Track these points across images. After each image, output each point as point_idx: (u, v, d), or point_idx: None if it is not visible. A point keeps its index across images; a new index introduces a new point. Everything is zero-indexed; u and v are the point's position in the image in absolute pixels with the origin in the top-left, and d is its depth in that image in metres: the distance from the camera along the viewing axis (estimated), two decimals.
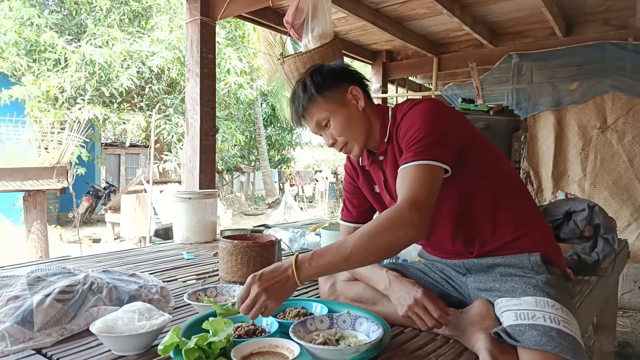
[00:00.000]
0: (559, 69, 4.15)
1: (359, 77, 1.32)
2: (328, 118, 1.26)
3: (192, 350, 0.91)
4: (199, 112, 3.09)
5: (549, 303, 1.04)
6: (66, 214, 9.82)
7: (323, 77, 1.27)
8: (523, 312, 1.03)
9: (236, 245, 1.48)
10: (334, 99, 1.26)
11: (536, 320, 1.00)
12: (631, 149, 3.75)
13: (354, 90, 1.27)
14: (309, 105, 1.26)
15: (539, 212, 1.31)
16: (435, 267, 1.36)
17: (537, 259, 1.16)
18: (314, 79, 1.27)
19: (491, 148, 1.29)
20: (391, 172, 1.27)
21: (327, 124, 1.27)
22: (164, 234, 5.36)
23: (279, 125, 17.66)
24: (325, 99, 1.25)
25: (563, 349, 0.94)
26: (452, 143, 1.15)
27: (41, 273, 1.28)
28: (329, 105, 1.25)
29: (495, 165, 1.26)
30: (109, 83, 8.44)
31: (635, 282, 3.81)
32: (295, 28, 2.53)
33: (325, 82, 1.26)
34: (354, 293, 1.31)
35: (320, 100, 1.25)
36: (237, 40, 10.09)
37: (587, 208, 1.90)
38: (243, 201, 14.97)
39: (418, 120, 1.16)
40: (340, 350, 0.97)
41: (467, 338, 1.09)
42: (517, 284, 1.13)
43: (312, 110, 1.26)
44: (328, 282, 1.37)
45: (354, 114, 1.27)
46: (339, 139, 1.27)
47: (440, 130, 1.13)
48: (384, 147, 1.28)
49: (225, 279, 1.50)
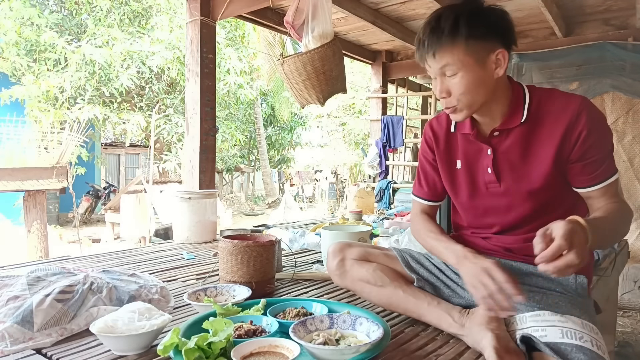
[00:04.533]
0: (559, 69, 4.15)
1: (513, 40, 1.12)
2: (457, 71, 1.08)
3: (192, 350, 0.91)
4: (199, 112, 3.09)
5: (594, 329, 1.02)
6: (66, 214, 9.82)
7: (481, 23, 1.07)
8: (570, 331, 0.99)
9: (236, 245, 1.48)
10: (477, 53, 1.07)
11: (584, 342, 0.96)
12: (631, 149, 3.75)
13: (501, 55, 1.09)
14: (447, 44, 1.06)
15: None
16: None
17: (584, 282, 1.14)
18: (472, 19, 1.06)
19: None
20: (512, 154, 1.17)
21: (453, 75, 1.09)
22: (164, 234, 5.37)
23: (279, 125, 17.65)
24: (468, 49, 1.06)
25: None
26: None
27: (41, 273, 1.28)
28: (468, 57, 1.07)
29: None
30: (109, 83, 8.44)
31: (635, 282, 3.81)
32: (295, 28, 2.53)
33: (481, 30, 1.07)
34: (363, 273, 1.27)
35: (462, 46, 1.06)
36: (237, 40, 10.09)
37: None
38: (243, 201, 14.96)
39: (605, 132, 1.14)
40: (340, 350, 0.97)
41: (473, 336, 1.08)
42: (560, 301, 1.09)
43: (446, 53, 1.07)
44: (337, 257, 1.32)
45: (486, 79, 1.10)
46: (454, 96, 1.11)
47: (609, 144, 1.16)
48: (509, 125, 1.16)
49: (225, 279, 1.50)
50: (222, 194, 14.23)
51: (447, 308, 1.18)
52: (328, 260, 1.35)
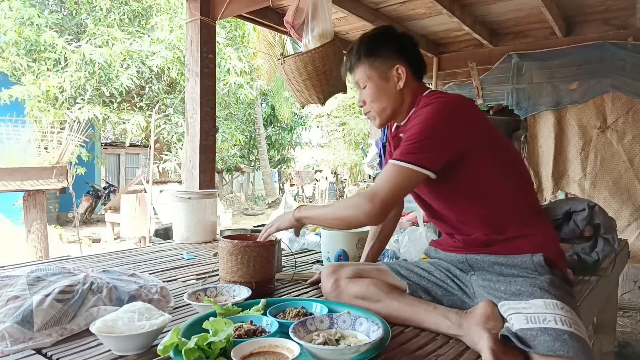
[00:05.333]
0: (559, 69, 4.15)
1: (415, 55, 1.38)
2: (365, 84, 1.35)
3: (191, 350, 0.91)
4: (198, 112, 3.09)
5: (558, 305, 1.05)
6: (66, 214, 9.82)
7: (380, 44, 1.34)
8: (533, 316, 1.03)
9: (236, 245, 1.48)
10: (379, 69, 1.33)
11: (547, 323, 1.00)
12: (631, 148, 3.75)
13: (400, 70, 1.33)
14: (356, 63, 1.36)
15: (544, 216, 1.33)
16: (440, 266, 1.37)
17: (540, 259, 1.18)
18: (371, 42, 1.35)
19: (506, 149, 1.32)
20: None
21: (364, 87, 1.36)
22: (164, 233, 5.37)
23: (279, 125, 17.66)
24: (371, 66, 1.33)
25: (576, 352, 0.94)
26: (446, 149, 1.20)
27: (41, 273, 1.28)
28: (372, 72, 1.33)
29: (504, 166, 1.29)
30: (109, 83, 8.44)
31: (635, 282, 3.81)
32: (295, 28, 2.53)
33: (380, 50, 1.33)
34: (358, 290, 1.30)
35: (366, 64, 1.34)
36: (237, 40, 10.09)
37: (587, 208, 1.90)
38: (243, 201, 14.97)
39: (420, 121, 1.22)
40: (340, 350, 0.97)
41: (471, 337, 1.09)
42: (522, 287, 1.14)
43: (357, 69, 1.36)
44: (331, 279, 1.35)
45: (388, 90, 1.33)
46: (366, 105, 1.37)
47: (435, 136, 1.19)
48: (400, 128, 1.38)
49: (225, 279, 1.50)
50: (222, 194, 14.23)
51: (444, 311, 1.20)
52: (323, 283, 1.39)
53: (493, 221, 1.26)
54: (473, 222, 1.28)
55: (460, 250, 1.31)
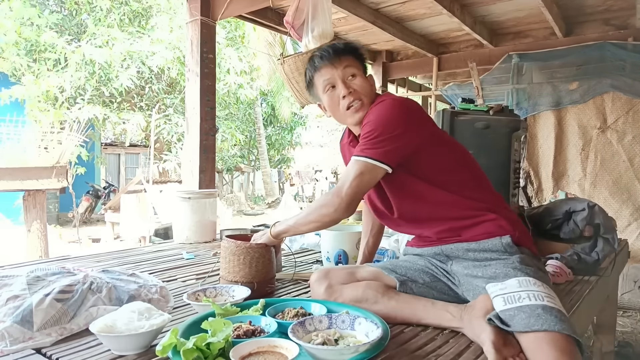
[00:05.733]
0: (559, 69, 4.15)
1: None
2: (356, 73, 1.39)
3: (190, 350, 0.91)
4: (199, 112, 3.09)
5: (530, 281, 1.11)
6: (66, 214, 9.81)
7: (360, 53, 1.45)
8: (509, 296, 1.08)
9: (239, 246, 1.47)
10: (364, 69, 1.44)
11: (522, 301, 1.05)
12: (631, 148, 3.75)
13: (372, 78, 1.47)
14: (348, 53, 1.40)
15: (504, 202, 1.43)
16: (422, 258, 1.41)
17: (509, 240, 1.25)
18: (355, 46, 1.45)
19: (454, 145, 1.43)
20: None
21: (352, 76, 1.39)
22: (164, 233, 5.37)
23: (279, 125, 17.65)
24: (361, 63, 1.43)
25: (550, 324, 0.98)
26: (402, 144, 1.28)
27: (41, 273, 1.28)
28: (361, 67, 1.42)
29: (458, 160, 1.38)
30: (109, 83, 8.44)
31: (635, 282, 3.81)
32: (295, 28, 2.53)
33: (357, 53, 1.44)
34: (354, 294, 1.28)
35: (357, 58, 1.42)
36: (237, 40, 10.09)
37: (587, 208, 1.90)
38: (243, 201, 14.96)
39: (374, 118, 1.29)
40: (339, 350, 0.97)
41: (472, 330, 1.12)
42: (497, 269, 1.21)
43: (347, 59, 1.39)
44: (323, 284, 1.32)
45: (373, 86, 1.43)
46: (357, 93, 1.38)
47: (391, 131, 1.26)
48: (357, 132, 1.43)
49: (227, 279, 1.49)
50: (222, 194, 14.22)
51: (443, 305, 1.22)
52: (313, 288, 1.36)
53: (457, 209, 1.31)
54: (440, 213, 1.33)
55: (434, 243, 1.37)
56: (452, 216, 1.32)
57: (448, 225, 1.33)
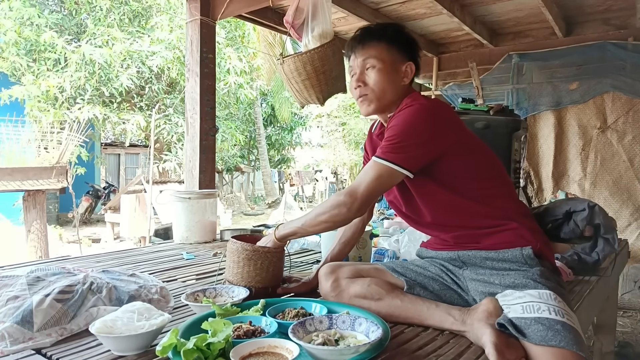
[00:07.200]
0: (559, 69, 4.14)
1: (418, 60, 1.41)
2: (376, 65, 1.33)
3: (190, 351, 0.91)
4: (198, 112, 3.09)
5: (551, 296, 1.10)
6: (66, 214, 9.81)
7: (403, 36, 1.38)
8: (529, 305, 1.07)
9: (257, 251, 1.41)
10: (394, 57, 1.35)
11: (541, 313, 1.04)
12: (631, 148, 3.75)
13: (410, 67, 1.37)
14: (375, 41, 1.34)
15: (528, 212, 1.40)
16: (434, 262, 1.39)
17: (530, 252, 1.21)
18: (396, 30, 1.37)
19: (482, 152, 1.37)
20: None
21: (370, 68, 1.34)
22: (164, 234, 5.37)
23: (279, 125, 17.65)
24: (389, 51, 1.34)
25: (568, 342, 0.97)
26: (425, 151, 1.25)
27: (41, 273, 1.28)
28: (387, 57, 1.34)
29: (483, 167, 1.33)
30: (109, 83, 8.44)
31: (635, 282, 3.81)
32: (295, 28, 2.53)
33: (402, 41, 1.37)
34: (359, 289, 1.30)
35: (385, 47, 1.34)
36: (237, 40, 10.09)
37: (587, 208, 1.89)
38: (243, 201, 14.96)
39: (400, 122, 1.26)
40: (340, 351, 0.97)
41: (474, 333, 1.11)
42: (516, 279, 1.19)
43: (372, 48, 1.34)
44: (330, 278, 1.34)
45: (395, 82, 1.35)
46: (367, 87, 1.34)
47: (415, 138, 1.24)
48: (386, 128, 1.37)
49: (240, 284, 1.43)
50: (222, 194, 14.22)
51: (447, 308, 1.22)
52: (321, 282, 1.38)
53: (479, 217, 1.29)
54: (460, 219, 1.31)
55: (451, 248, 1.34)
56: (472, 223, 1.30)
57: (467, 232, 1.30)
